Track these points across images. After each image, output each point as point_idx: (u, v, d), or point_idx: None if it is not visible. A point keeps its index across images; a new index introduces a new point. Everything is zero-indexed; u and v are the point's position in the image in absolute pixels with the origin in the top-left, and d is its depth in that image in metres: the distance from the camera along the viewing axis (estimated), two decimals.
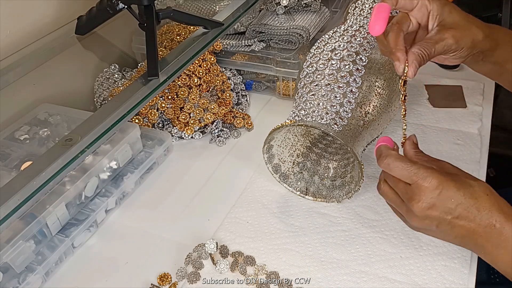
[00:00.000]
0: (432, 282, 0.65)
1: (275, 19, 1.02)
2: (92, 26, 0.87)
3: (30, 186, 0.55)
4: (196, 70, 0.95)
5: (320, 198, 0.78)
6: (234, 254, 0.70)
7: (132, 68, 1.06)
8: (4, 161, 0.74)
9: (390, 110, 0.77)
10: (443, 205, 0.53)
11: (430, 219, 0.54)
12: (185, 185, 0.84)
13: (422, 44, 0.57)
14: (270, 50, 0.99)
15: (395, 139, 0.88)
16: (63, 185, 0.70)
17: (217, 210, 0.78)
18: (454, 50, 0.58)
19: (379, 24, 0.55)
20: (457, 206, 0.53)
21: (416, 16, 0.60)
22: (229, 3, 0.96)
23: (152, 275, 0.68)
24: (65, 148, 0.59)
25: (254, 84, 1.05)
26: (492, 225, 0.52)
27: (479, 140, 0.87)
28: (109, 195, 0.77)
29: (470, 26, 0.59)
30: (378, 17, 0.55)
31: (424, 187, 0.53)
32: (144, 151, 0.85)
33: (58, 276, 0.70)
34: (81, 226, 0.72)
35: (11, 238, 0.63)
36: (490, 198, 0.53)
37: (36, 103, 0.86)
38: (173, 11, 0.76)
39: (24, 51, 0.86)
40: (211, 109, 0.93)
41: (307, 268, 0.68)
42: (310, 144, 0.84)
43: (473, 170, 0.81)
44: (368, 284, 0.65)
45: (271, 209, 0.77)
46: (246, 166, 0.86)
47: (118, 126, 0.66)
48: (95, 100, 0.98)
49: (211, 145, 0.92)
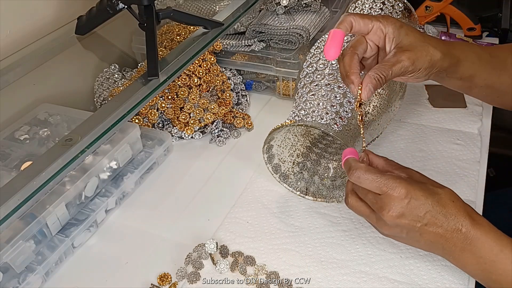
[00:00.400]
0: (432, 282, 0.65)
1: (275, 19, 1.02)
2: (92, 26, 0.87)
3: (30, 186, 0.55)
4: (196, 70, 0.95)
5: (320, 198, 0.78)
6: (234, 254, 0.70)
7: (132, 68, 1.06)
8: (4, 161, 0.74)
9: (390, 110, 0.77)
10: (412, 213, 0.55)
11: (400, 227, 0.56)
12: (185, 185, 0.84)
13: (379, 67, 0.58)
14: (270, 50, 0.99)
15: (394, 139, 0.88)
16: (63, 185, 0.70)
17: (217, 210, 0.78)
18: (412, 71, 0.60)
19: (333, 49, 0.57)
20: (425, 213, 0.55)
21: (372, 39, 0.62)
22: (229, 3, 0.96)
23: (152, 275, 0.68)
24: (65, 148, 0.59)
25: (254, 84, 1.05)
26: (458, 230, 0.55)
27: (479, 140, 0.87)
28: (109, 195, 0.77)
29: (427, 47, 0.60)
30: (332, 43, 0.57)
31: (393, 196, 0.55)
32: (144, 151, 0.85)
33: (58, 276, 0.70)
34: (81, 226, 0.72)
35: (11, 238, 0.63)
36: (456, 204, 0.56)
37: (36, 103, 0.86)
38: (173, 11, 0.76)
39: (24, 51, 0.86)
40: (211, 109, 0.93)
41: (307, 268, 0.68)
42: (310, 144, 0.84)
43: (473, 170, 0.81)
44: (368, 284, 0.65)
45: (271, 209, 0.77)
46: (246, 166, 0.86)
47: (118, 126, 0.66)
48: (95, 100, 0.98)
49: (211, 145, 0.92)
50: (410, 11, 0.89)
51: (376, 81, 0.57)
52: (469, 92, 0.70)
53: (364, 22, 0.60)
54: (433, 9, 1.15)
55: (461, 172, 0.81)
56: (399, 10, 0.87)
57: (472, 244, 0.55)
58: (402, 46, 0.59)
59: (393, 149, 0.86)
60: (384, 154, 0.85)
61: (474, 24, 1.15)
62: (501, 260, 0.54)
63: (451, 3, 1.14)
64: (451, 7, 1.14)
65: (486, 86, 0.68)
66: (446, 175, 0.80)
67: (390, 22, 0.60)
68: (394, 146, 0.87)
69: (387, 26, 0.60)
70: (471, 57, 0.65)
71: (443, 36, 1.15)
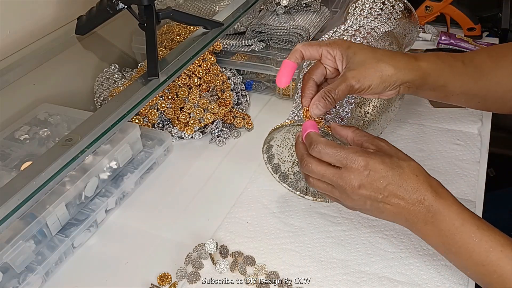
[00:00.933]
0: (432, 282, 0.65)
1: (275, 19, 1.02)
2: (92, 26, 0.87)
3: (30, 186, 0.55)
4: (196, 70, 0.95)
5: (320, 198, 0.78)
6: (234, 254, 0.70)
7: (132, 68, 1.06)
8: (4, 161, 0.74)
9: (390, 110, 0.77)
10: (372, 185, 0.57)
11: (364, 198, 0.58)
12: (185, 185, 0.84)
13: (327, 87, 0.61)
14: (270, 50, 0.99)
15: (394, 139, 0.88)
16: (63, 185, 0.70)
17: (217, 210, 0.78)
18: (360, 89, 0.61)
19: (284, 78, 0.62)
20: (386, 185, 0.56)
21: (326, 63, 0.64)
22: (229, 3, 0.96)
23: (152, 275, 0.68)
24: (65, 148, 0.59)
25: (254, 84, 1.05)
26: (420, 203, 0.56)
27: (479, 140, 0.87)
28: (109, 195, 0.77)
29: (377, 64, 0.61)
30: (283, 73, 0.62)
31: (353, 168, 0.57)
32: (144, 151, 0.85)
33: (58, 276, 0.70)
34: (81, 226, 0.72)
35: (11, 238, 0.63)
36: (419, 178, 0.57)
37: (36, 103, 0.86)
38: (173, 11, 0.76)
39: (24, 51, 0.86)
40: (211, 109, 0.93)
41: (307, 268, 0.68)
42: None
43: (473, 170, 0.81)
44: (368, 284, 0.65)
45: (271, 209, 0.77)
46: (246, 166, 0.86)
47: (118, 126, 0.66)
48: (95, 100, 0.98)
49: (211, 145, 0.92)
50: (411, 11, 0.89)
51: (324, 100, 0.60)
52: (447, 100, 0.71)
53: (312, 49, 0.63)
54: (433, 9, 1.15)
55: (461, 172, 0.81)
56: (399, 10, 0.87)
57: (434, 217, 0.56)
58: (350, 66, 0.61)
59: None
60: None
61: (474, 24, 1.15)
62: (461, 234, 0.55)
63: (451, 3, 1.14)
64: (451, 7, 1.15)
65: (463, 93, 0.69)
66: (446, 175, 0.80)
67: (337, 45, 0.63)
68: (394, 146, 0.87)
69: (334, 49, 0.62)
70: (440, 68, 0.66)
71: (443, 36, 1.15)
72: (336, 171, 0.58)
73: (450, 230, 0.56)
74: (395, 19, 0.85)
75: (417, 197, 0.56)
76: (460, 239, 0.55)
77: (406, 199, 0.56)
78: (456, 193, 0.76)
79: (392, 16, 0.86)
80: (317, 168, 0.59)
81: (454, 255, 0.57)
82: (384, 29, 0.80)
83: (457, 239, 0.56)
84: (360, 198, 0.58)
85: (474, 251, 0.55)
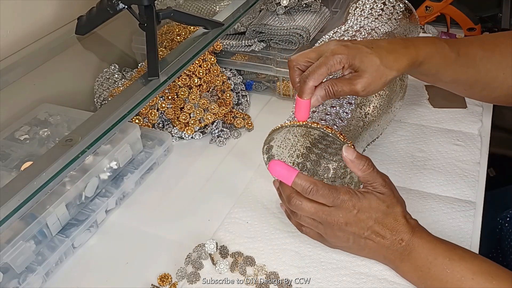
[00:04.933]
0: None
1: (275, 19, 1.02)
2: (92, 26, 0.87)
3: (30, 187, 0.55)
4: (196, 70, 0.95)
5: None
6: (233, 254, 0.70)
7: (132, 68, 1.06)
8: (4, 161, 0.74)
9: (390, 111, 0.77)
10: (358, 224, 0.61)
11: (347, 235, 0.62)
12: (185, 185, 0.84)
13: (333, 80, 0.62)
14: (270, 50, 0.99)
15: (394, 140, 0.88)
16: (63, 186, 0.70)
17: (217, 210, 0.78)
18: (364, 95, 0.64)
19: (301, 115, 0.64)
20: (372, 225, 0.61)
21: None
22: (229, 3, 0.96)
23: (152, 275, 0.68)
24: (66, 149, 0.59)
25: (254, 84, 1.05)
26: (399, 243, 0.61)
27: (479, 140, 0.87)
28: (109, 195, 0.77)
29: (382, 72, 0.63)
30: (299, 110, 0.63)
31: (343, 208, 0.61)
32: (144, 151, 0.85)
33: (58, 276, 0.70)
34: (81, 227, 0.72)
35: (11, 238, 0.63)
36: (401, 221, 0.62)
37: (36, 103, 0.86)
38: (173, 11, 0.76)
39: (24, 51, 0.86)
40: (211, 109, 0.93)
41: (307, 268, 0.68)
42: (310, 144, 0.84)
43: (473, 171, 0.81)
44: (368, 285, 0.65)
45: (271, 209, 0.77)
46: (246, 166, 0.86)
47: (118, 127, 0.66)
48: (95, 100, 0.98)
49: (211, 145, 0.92)
50: (411, 12, 0.89)
51: (325, 92, 0.62)
52: (434, 84, 0.76)
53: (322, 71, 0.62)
54: (433, 9, 1.15)
55: (461, 173, 0.81)
56: (400, 11, 0.87)
57: (410, 255, 0.61)
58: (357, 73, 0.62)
59: (394, 149, 0.86)
60: (384, 154, 0.85)
61: (474, 24, 1.15)
62: (435, 268, 0.59)
63: (451, 3, 1.14)
64: (451, 7, 1.14)
65: (452, 81, 0.73)
66: (446, 175, 0.80)
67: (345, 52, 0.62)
68: (395, 146, 0.87)
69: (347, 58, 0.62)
70: (436, 58, 0.68)
71: (443, 36, 1.15)
72: (326, 209, 0.61)
73: (425, 265, 0.60)
74: (395, 20, 0.85)
75: (397, 238, 0.61)
76: (434, 272, 0.59)
77: (388, 237, 0.61)
78: (456, 194, 0.77)
79: (392, 16, 0.85)
80: (307, 206, 0.62)
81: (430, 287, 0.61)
82: (385, 30, 0.80)
83: (431, 273, 0.59)
84: (345, 234, 0.62)
85: (447, 281, 0.58)
